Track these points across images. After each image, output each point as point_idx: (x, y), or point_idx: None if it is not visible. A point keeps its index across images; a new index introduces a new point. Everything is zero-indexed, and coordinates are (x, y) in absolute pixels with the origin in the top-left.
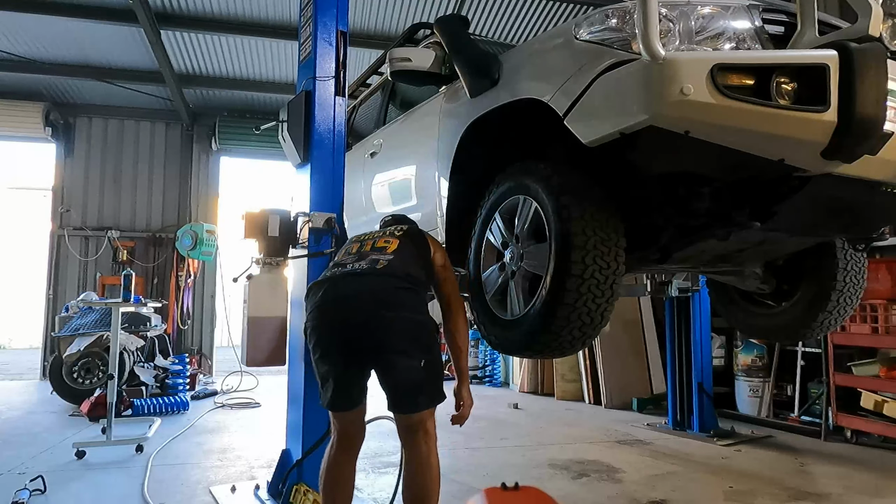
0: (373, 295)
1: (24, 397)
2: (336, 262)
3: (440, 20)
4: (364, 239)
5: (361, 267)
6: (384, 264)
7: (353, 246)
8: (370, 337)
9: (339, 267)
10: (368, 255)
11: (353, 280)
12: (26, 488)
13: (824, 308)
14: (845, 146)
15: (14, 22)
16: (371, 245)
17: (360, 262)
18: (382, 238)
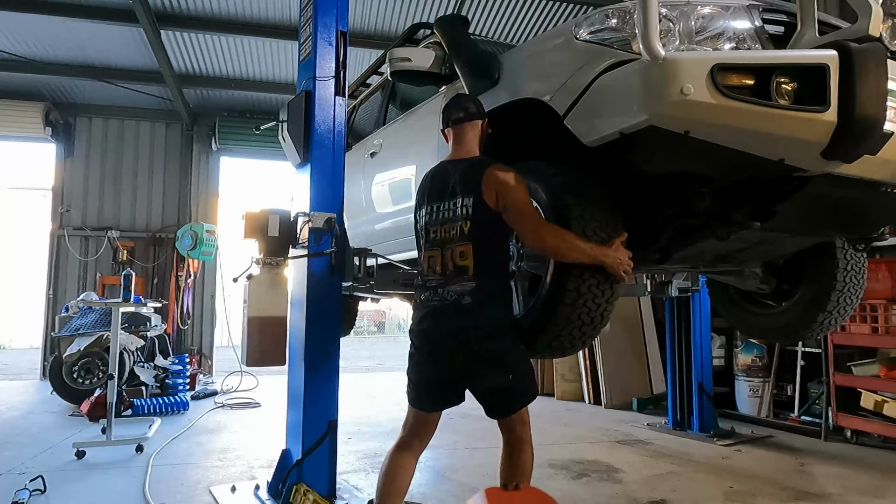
0: (462, 345)
1: (24, 397)
2: (424, 280)
3: (440, 20)
4: (442, 238)
5: (447, 300)
6: (471, 298)
7: (433, 256)
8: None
9: (429, 292)
10: (451, 280)
11: (444, 318)
12: (26, 488)
13: (824, 308)
14: (845, 146)
15: (14, 22)
16: (451, 259)
17: (447, 290)
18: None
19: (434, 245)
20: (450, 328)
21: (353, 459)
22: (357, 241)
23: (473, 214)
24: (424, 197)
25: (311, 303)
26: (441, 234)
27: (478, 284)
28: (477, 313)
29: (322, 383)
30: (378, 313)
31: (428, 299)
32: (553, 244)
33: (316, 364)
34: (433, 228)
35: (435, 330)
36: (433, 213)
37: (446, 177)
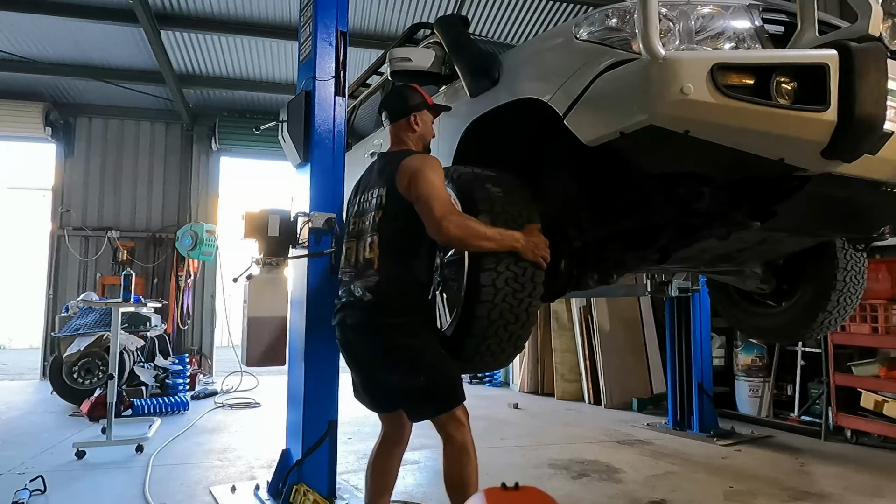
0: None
1: (24, 397)
2: (341, 273)
3: (440, 20)
4: (358, 229)
5: (354, 296)
6: (371, 294)
7: (350, 248)
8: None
9: (343, 287)
10: (360, 273)
11: (351, 315)
12: (26, 488)
13: (824, 308)
14: (845, 145)
15: (14, 22)
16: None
17: (356, 284)
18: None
19: (351, 236)
20: (353, 325)
21: (353, 459)
22: None
23: (386, 204)
24: (354, 191)
25: (311, 303)
26: (358, 225)
27: (381, 279)
28: (379, 310)
29: (322, 383)
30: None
31: (340, 295)
32: (457, 234)
33: (316, 364)
34: (353, 220)
35: (345, 327)
36: (355, 206)
37: (371, 170)
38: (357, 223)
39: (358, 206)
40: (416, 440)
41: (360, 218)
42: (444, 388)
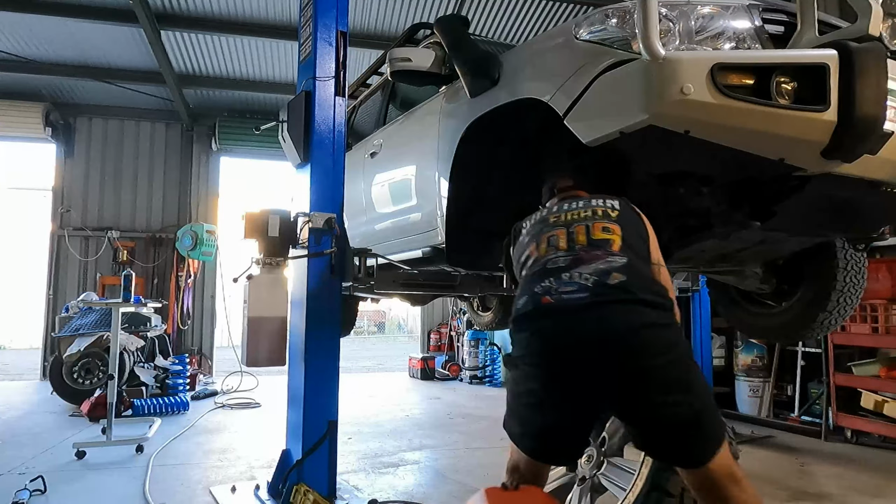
0: (624, 343)
1: (24, 397)
2: (542, 267)
3: (440, 20)
4: (568, 219)
5: (588, 286)
6: (619, 279)
7: (556, 233)
8: (625, 393)
9: (552, 279)
10: (590, 259)
11: (585, 316)
12: (26, 488)
13: (824, 308)
14: (845, 145)
15: (14, 22)
16: (585, 234)
17: (583, 274)
18: (597, 220)
19: (556, 226)
20: (597, 335)
21: (354, 459)
22: (357, 241)
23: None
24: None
25: (311, 303)
26: (567, 217)
27: (629, 262)
28: (645, 297)
29: (322, 383)
30: (378, 313)
31: (549, 290)
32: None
33: (316, 364)
34: (554, 216)
35: (573, 334)
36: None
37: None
38: (563, 216)
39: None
40: (416, 440)
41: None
42: (715, 412)
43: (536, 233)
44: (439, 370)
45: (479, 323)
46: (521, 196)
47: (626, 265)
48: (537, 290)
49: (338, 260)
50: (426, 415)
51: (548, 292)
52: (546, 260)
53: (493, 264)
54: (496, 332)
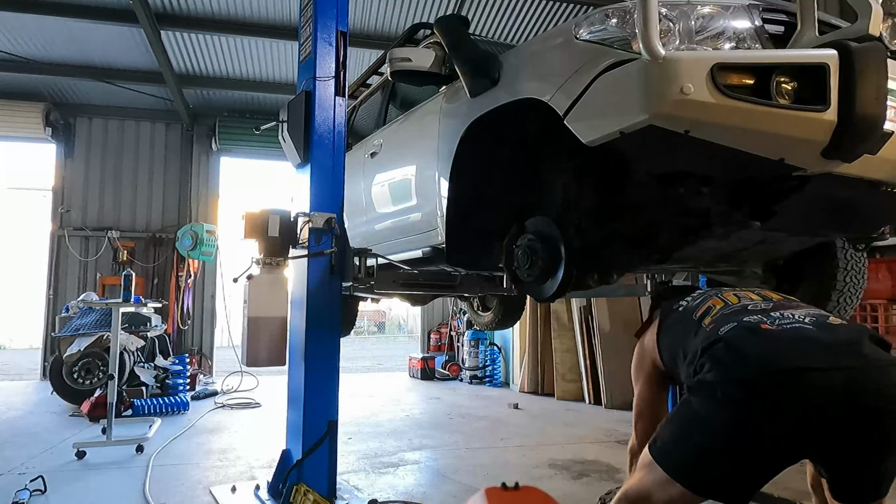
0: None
1: (24, 397)
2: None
3: (440, 20)
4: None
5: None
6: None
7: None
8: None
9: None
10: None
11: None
12: (26, 488)
13: (824, 308)
14: (845, 145)
15: (14, 22)
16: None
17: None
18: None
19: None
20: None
21: (354, 459)
22: (357, 241)
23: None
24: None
25: (311, 303)
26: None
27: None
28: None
29: (322, 383)
30: (378, 313)
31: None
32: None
33: (316, 364)
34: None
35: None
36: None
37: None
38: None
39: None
40: (415, 440)
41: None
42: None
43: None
44: (439, 370)
45: (479, 323)
46: (521, 196)
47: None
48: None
49: (338, 260)
50: (426, 415)
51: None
52: (744, 305)
53: (493, 264)
54: (496, 332)
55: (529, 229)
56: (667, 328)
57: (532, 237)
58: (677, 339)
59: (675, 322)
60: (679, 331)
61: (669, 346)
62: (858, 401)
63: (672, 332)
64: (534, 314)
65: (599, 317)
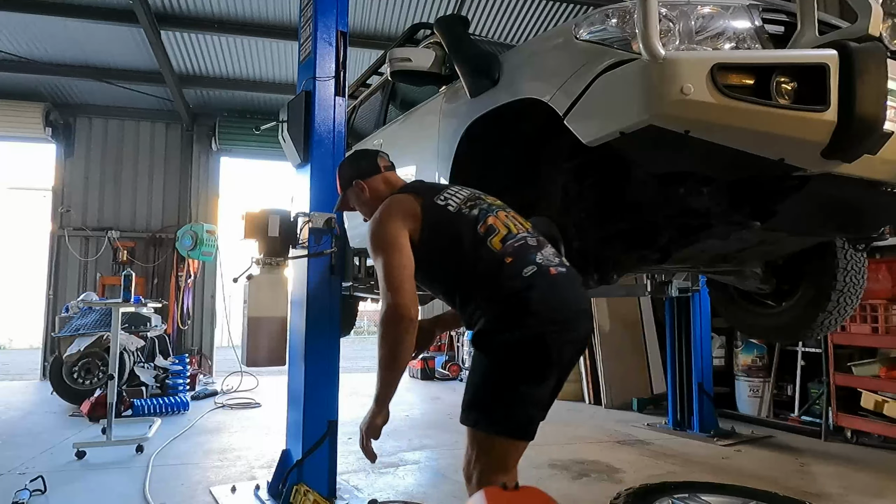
0: (588, 330)
1: (24, 397)
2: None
3: (440, 20)
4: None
5: (559, 262)
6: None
7: (502, 216)
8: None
9: (533, 252)
10: (543, 243)
11: (577, 294)
12: (26, 488)
13: (824, 308)
14: (845, 146)
15: (14, 22)
16: (517, 221)
17: (549, 255)
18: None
19: (495, 211)
20: (584, 311)
21: (354, 459)
22: (357, 242)
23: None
24: (434, 189)
25: (311, 303)
26: (490, 201)
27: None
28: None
29: (322, 383)
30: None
31: (548, 263)
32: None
33: (316, 364)
34: (482, 196)
35: (573, 305)
36: (462, 189)
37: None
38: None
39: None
40: (415, 440)
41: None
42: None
43: (484, 207)
44: (439, 370)
45: None
46: (521, 196)
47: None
48: (539, 260)
49: (338, 260)
50: (426, 415)
51: (548, 264)
52: (523, 238)
53: None
54: None
55: None
56: (433, 226)
57: None
58: (453, 246)
59: (444, 223)
60: (452, 235)
61: (441, 251)
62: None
63: (441, 236)
64: None
65: (599, 317)
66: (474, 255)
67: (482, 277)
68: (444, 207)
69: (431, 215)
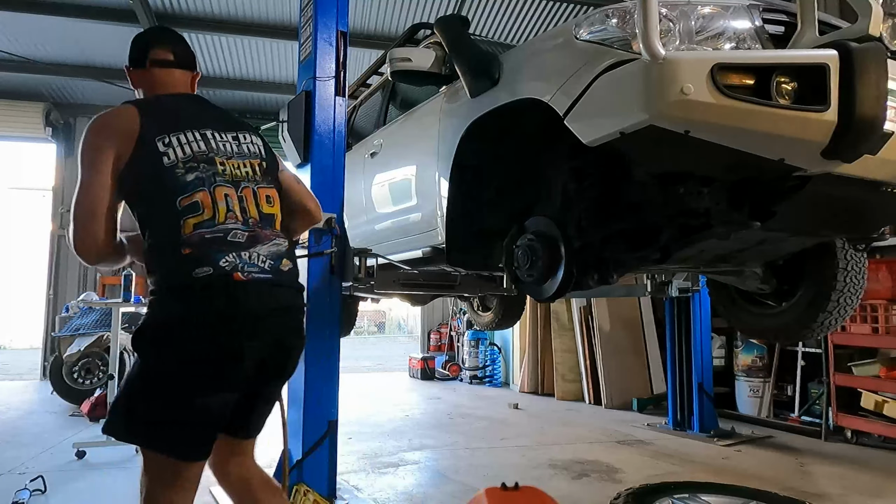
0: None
1: (24, 397)
2: (223, 237)
3: (440, 20)
4: (235, 175)
5: (267, 269)
6: (289, 267)
7: (229, 193)
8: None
9: (234, 254)
10: (264, 239)
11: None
12: (26, 488)
13: (824, 308)
14: (845, 146)
15: (14, 22)
16: (255, 206)
17: (261, 256)
18: (260, 186)
19: (225, 181)
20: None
21: (354, 459)
22: (357, 241)
23: (266, 156)
24: (175, 120)
25: (311, 303)
26: (231, 168)
27: (290, 246)
28: (299, 288)
29: (322, 383)
30: (378, 313)
31: (237, 266)
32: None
33: (316, 364)
34: (220, 158)
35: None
36: (210, 141)
37: (203, 106)
38: (227, 165)
39: (216, 142)
40: (416, 440)
41: (230, 160)
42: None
43: (206, 176)
44: (439, 370)
45: (479, 323)
46: (521, 196)
47: (289, 251)
48: (224, 263)
49: (338, 260)
50: (426, 415)
51: (235, 268)
52: (226, 230)
53: (493, 264)
54: (496, 332)
55: (529, 229)
56: (138, 169)
57: (532, 237)
58: (147, 207)
59: (147, 175)
60: (149, 195)
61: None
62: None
63: (140, 186)
64: (534, 314)
65: (599, 317)
66: (160, 230)
67: (160, 259)
68: (160, 155)
69: (142, 153)
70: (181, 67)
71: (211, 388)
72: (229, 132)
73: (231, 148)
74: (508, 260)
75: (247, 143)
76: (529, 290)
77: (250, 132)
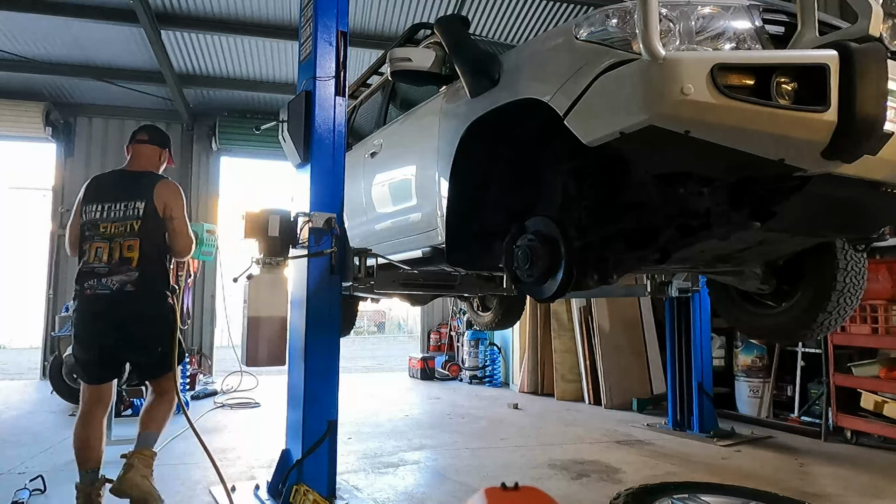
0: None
1: (24, 397)
2: (91, 270)
3: (440, 20)
4: (112, 233)
5: (110, 289)
6: (132, 289)
7: (101, 247)
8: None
9: (94, 280)
10: (118, 273)
11: (108, 307)
12: (26, 488)
13: (824, 308)
14: (845, 146)
15: (14, 22)
16: (119, 253)
17: (112, 280)
18: (126, 238)
19: (104, 238)
20: (113, 314)
21: (353, 459)
22: (357, 241)
23: (144, 216)
24: (95, 195)
25: (311, 303)
26: (111, 229)
27: (141, 274)
28: (137, 298)
29: (322, 383)
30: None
31: (93, 287)
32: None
33: (316, 364)
34: (103, 224)
35: (101, 315)
36: (105, 211)
37: (120, 182)
38: (109, 227)
39: (109, 211)
40: (415, 440)
41: (114, 224)
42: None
43: (92, 234)
44: (439, 370)
45: (479, 323)
46: (521, 196)
47: (138, 278)
48: (86, 285)
49: (338, 260)
50: (426, 415)
51: (91, 288)
52: (93, 267)
53: (493, 264)
54: (496, 332)
55: (529, 229)
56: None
57: (532, 237)
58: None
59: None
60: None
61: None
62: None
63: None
64: (534, 314)
65: (599, 317)
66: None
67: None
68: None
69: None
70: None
71: (83, 345)
72: (122, 202)
73: (117, 214)
74: (508, 260)
75: (131, 209)
76: (529, 290)
77: (141, 200)
